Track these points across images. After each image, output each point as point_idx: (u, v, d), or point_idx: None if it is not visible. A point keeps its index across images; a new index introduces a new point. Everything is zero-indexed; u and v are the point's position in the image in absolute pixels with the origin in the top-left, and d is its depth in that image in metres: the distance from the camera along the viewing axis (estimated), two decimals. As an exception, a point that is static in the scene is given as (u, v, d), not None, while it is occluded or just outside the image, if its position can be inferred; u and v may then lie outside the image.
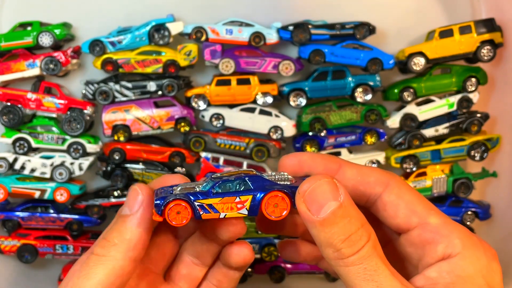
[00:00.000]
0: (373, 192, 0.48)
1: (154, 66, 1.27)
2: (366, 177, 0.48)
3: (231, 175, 0.47)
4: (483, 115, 1.32)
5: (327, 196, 0.43)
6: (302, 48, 1.28)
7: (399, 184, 0.48)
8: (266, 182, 0.46)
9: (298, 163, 0.49)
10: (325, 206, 0.42)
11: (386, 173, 0.49)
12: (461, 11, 1.33)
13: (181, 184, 0.49)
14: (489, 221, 1.36)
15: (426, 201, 0.49)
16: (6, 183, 1.28)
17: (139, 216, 0.46)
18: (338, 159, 0.50)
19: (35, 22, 1.25)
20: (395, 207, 0.47)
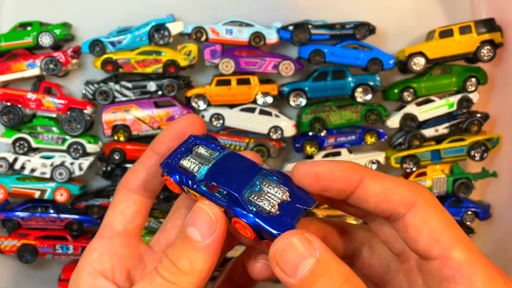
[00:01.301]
0: (396, 211, 0.42)
1: (154, 66, 1.27)
2: (390, 195, 0.42)
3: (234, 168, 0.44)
4: (483, 115, 1.32)
5: (300, 254, 0.38)
6: (302, 48, 1.28)
7: (427, 206, 0.41)
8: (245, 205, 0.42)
9: (314, 176, 0.43)
10: (300, 265, 0.38)
11: (413, 190, 0.42)
12: (461, 11, 1.33)
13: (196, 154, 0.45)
14: (489, 221, 1.36)
15: (455, 228, 0.41)
16: (6, 183, 1.28)
17: (214, 246, 0.42)
18: (361, 170, 0.43)
19: (35, 22, 1.25)
20: (418, 232, 0.41)
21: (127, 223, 0.47)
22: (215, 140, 0.48)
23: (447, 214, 0.42)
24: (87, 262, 0.45)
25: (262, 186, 0.43)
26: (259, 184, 0.43)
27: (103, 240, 0.46)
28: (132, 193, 0.48)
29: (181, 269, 0.41)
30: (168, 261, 0.41)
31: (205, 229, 0.41)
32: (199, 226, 0.41)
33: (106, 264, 0.45)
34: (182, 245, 0.41)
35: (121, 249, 0.46)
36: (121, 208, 0.47)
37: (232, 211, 0.42)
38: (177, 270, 0.41)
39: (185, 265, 0.41)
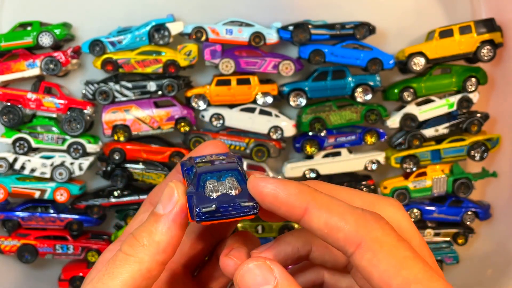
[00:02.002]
0: (343, 249, 0.39)
1: (154, 66, 1.27)
2: (334, 232, 0.39)
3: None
4: (483, 115, 1.32)
5: (257, 281, 0.39)
6: (302, 48, 1.28)
7: (375, 246, 0.37)
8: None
9: (260, 194, 0.42)
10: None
11: (360, 227, 0.38)
12: (461, 11, 1.33)
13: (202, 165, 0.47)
14: (489, 221, 1.36)
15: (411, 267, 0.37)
16: (6, 183, 1.28)
17: (172, 217, 0.43)
18: (306, 198, 0.40)
19: (35, 22, 1.25)
20: (368, 274, 0.37)
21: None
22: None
23: (402, 251, 0.38)
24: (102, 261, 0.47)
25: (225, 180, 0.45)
26: (225, 178, 0.45)
27: (119, 243, 0.46)
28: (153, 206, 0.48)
29: (140, 240, 0.42)
30: (130, 236, 0.43)
31: (166, 201, 0.43)
32: (162, 200, 0.43)
33: None
34: (146, 221, 0.43)
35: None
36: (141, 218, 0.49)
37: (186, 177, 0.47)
38: (135, 242, 0.42)
39: (144, 236, 0.42)
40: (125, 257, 0.41)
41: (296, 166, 1.33)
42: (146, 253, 0.42)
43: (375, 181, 1.37)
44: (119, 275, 0.41)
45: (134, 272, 0.41)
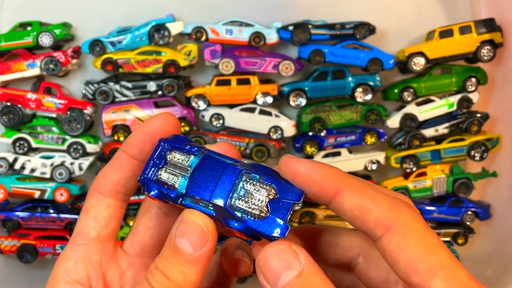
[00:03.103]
0: (371, 232, 0.39)
1: (154, 66, 1.27)
2: (365, 214, 0.39)
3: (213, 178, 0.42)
4: (483, 115, 1.32)
5: (282, 264, 0.38)
6: (302, 48, 1.28)
7: (405, 230, 0.38)
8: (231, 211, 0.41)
9: (293, 174, 0.41)
10: (282, 275, 0.38)
11: (392, 211, 0.39)
12: (461, 11, 1.33)
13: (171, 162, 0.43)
14: (489, 221, 1.36)
15: (438, 254, 0.38)
16: (6, 183, 1.28)
17: (206, 257, 0.40)
18: (340, 180, 0.40)
19: (35, 22, 1.25)
20: (394, 258, 0.38)
21: (101, 229, 0.45)
22: (187, 140, 0.45)
23: (430, 238, 0.38)
24: (62, 272, 0.43)
25: (246, 189, 0.41)
26: (243, 187, 0.41)
27: (77, 247, 0.44)
28: (104, 197, 0.45)
29: (174, 281, 0.40)
30: (160, 274, 0.40)
31: (197, 240, 0.40)
32: (190, 238, 0.40)
33: (82, 273, 0.43)
34: (173, 257, 0.40)
35: (96, 255, 0.45)
36: (94, 213, 0.45)
37: (223, 222, 0.41)
38: (170, 283, 0.40)
39: (178, 277, 0.40)
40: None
41: (296, 166, 1.33)
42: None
43: (375, 181, 1.37)
44: None
45: None
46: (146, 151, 0.44)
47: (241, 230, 0.41)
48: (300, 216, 1.33)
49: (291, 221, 1.34)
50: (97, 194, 0.46)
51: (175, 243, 0.40)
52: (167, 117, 0.44)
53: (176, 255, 0.40)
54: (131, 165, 0.45)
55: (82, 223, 0.45)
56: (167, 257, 0.40)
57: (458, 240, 1.36)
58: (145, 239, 0.47)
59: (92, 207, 0.45)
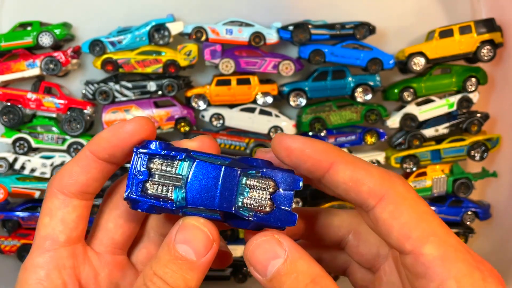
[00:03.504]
0: (365, 203, 0.40)
1: (154, 66, 1.27)
2: (358, 185, 0.40)
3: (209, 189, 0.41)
4: (483, 115, 1.32)
5: (268, 255, 0.39)
6: (302, 48, 1.28)
7: (398, 199, 0.39)
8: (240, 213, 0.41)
9: (286, 150, 0.41)
10: (269, 265, 0.39)
11: (384, 181, 0.39)
12: (461, 11, 1.33)
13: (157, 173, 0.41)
14: (489, 221, 1.36)
15: (430, 221, 0.39)
16: (6, 183, 1.28)
17: (208, 263, 0.41)
18: (333, 153, 0.40)
19: (35, 22, 1.25)
20: (388, 227, 0.39)
21: (70, 232, 0.43)
22: (163, 144, 0.42)
23: (421, 206, 0.39)
24: (35, 282, 0.40)
25: (247, 188, 0.41)
26: (244, 187, 0.41)
27: (47, 254, 0.41)
28: (70, 198, 0.43)
29: (175, 287, 0.39)
30: (160, 281, 0.39)
31: (201, 248, 0.40)
32: (195, 245, 0.40)
33: (57, 280, 0.41)
34: (174, 264, 0.39)
35: (69, 260, 0.42)
36: (61, 215, 0.42)
37: (232, 224, 0.41)
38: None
39: (180, 284, 0.39)
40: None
41: (296, 166, 1.33)
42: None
43: (375, 181, 1.36)
44: None
45: None
46: (117, 156, 0.43)
47: (251, 228, 0.41)
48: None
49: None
50: (61, 195, 0.43)
51: (176, 249, 0.39)
52: (143, 122, 0.42)
53: (178, 262, 0.39)
54: (99, 166, 0.43)
55: (48, 227, 0.42)
56: (166, 264, 0.39)
57: (458, 240, 1.36)
58: (116, 236, 0.46)
59: (58, 209, 0.42)
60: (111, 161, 0.43)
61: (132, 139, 0.42)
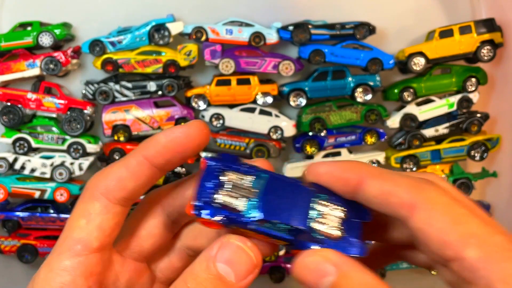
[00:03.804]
0: (399, 214, 0.39)
1: (154, 66, 1.27)
2: (388, 197, 0.39)
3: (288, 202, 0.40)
4: (483, 115, 1.32)
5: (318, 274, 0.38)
6: (302, 48, 1.28)
7: (428, 205, 0.37)
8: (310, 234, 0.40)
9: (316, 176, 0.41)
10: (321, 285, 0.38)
11: (412, 190, 0.38)
12: (461, 11, 1.33)
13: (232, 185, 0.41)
14: (489, 221, 1.36)
15: (467, 223, 0.37)
16: (6, 183, 1.28)
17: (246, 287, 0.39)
18: (360, 169, 0.40)
19: (35, 22, 1.25)
20: (425, 236, 0.37)
21: (104, 238, 0.40)
22: (235, 158, 0.42)
23: (457, 208, 0.37)
24: (58, 285, 0.38)
25: (318, 210, 0.41)
26: (316, 209, 0.41)
27: (77, 259, 0.39)
28: (113, 204, 0.41)
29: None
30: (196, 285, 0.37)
31: (243, 272, 0.38)
32: (237, 268, 0.38)
33: (81, 287, 0.39)
34: (211, 283, 0.38)
35: (97, 267, 0.40)
36: (100, 221, 0.40)
37: (299, 245, 0.40)
38: None
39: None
40: None
41: (296, 166, 1.33)
42: None
43: (375, 181, 1.36)
44: None
45: None
46: (173, 163, 0.41)
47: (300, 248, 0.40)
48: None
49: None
50: (105, 200, 0.40)
51: (217, 268, 0.38)
52: (201, 126, 0.41)
53: (216, 282, 0.38)
54: (151, 173, 0.41)
55: (84, 231, 0.40)
56: (203, 281, 0.38)
57: (458, 240, 1.36)
58: (146, 245, 0.44)
59: (98, 214, 0.40)
60: (165, 168, 0.41)
61: (190, 144, 0.40)
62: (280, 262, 1.36)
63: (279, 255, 1.34)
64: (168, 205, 0.44)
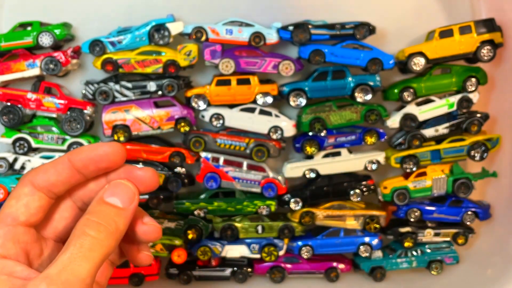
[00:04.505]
0: None
1: (154, 66, 1.27)
2: None
3: None
4: (483, 115, 1.32)
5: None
6: (302, 48, 1.28)
7: None
8: None
9: None
10: None
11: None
12: (461, 11, 1.33)
13: None
14: (489, 221, 1.36)
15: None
16: (6, 183, 1.28)
17: (132, 212, 0.50)
18: None
19: (35, 22, 1.25)
20: None
21: (30, 216, 0.50)
22: None
23: None
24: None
25: None
26: None
27: (6, 228, 0.49)
28: (37, 190, 0.51)
29: (109, 228, 0.48)
30: (95, 223, 0.48)
31: (126, 198, 0.50)
32: (121, 196, 0.50)
33: (10, 250, 0.49)
34: (105, 210, 0.49)
35: (24, 236, 0.50)
36: (26, 201, 0.50)
37: None
38: (105, 229, 0.48)
39: (111, 225, 0.48)
40: (96, 241, 0.47)
41: (296, 166, 1.33)
42: (114, 239, 0.48)
43: (375, 181, 1.37)
44: (92, 258, 0.46)
45: (103, 257, 0.47)
46: (89, 169, 0.51)
47: None
48: (300, 216, 1.33)
49: (290, 220, 1.34)
50: (31, 186, 0.51)
51: (105, 201, 0.49)
52: (118, 148, 0.52)
53: (109, 209, 0.49)
54: (71, 174, 0.51)
55: (12, 207, 0.50)
56: (99, 211, 0.49)
57: (458, 240, 1.36)
58: (58, 226, 0.54)
59: (25, 195, 0.51)
60: (82, 171, 0.51)
61: (106, 158, 0.51)
62: (280, 262, 1.36)
63: (279, 255, 1.35)
64: (77, 196, 0.54)
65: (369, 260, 1.37)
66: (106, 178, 0.53)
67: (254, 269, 1.35)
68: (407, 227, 1.36)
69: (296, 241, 1.35)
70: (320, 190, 1.34)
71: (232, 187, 1.33)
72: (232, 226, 1.32)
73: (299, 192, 1.33)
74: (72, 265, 0.45)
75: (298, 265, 1.37)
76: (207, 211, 1.33)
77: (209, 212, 1.33)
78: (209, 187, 1.32)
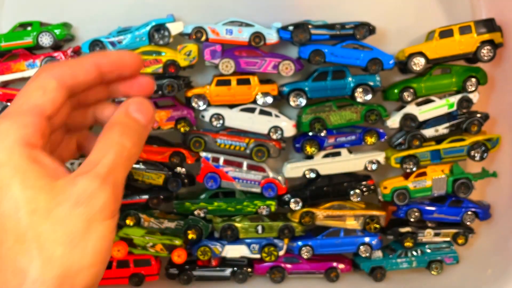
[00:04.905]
0: None
1: (154, 66, 1.27)
2: None
3: None
4: (483, 115, 1.32)
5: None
6: (302, 48, 1.28)
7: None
8: None
9: None
10: None
11: None
12: (461, 11, 1.33)
13: None
14: (489, 221, 1.36)
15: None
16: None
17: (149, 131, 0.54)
18: None
19: (35, 22, 1.25)
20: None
21: (53, 112, 0.50)
22: None
23: None
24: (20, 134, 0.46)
25: None
26: None
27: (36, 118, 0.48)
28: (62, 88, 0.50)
29: (139, 143, 0.51)
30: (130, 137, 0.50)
31: (149, 117, 0.53)
32: (145, 114, 0.53)
33: (38, 141, 0.48)
34: (134, 125, 0.52)
35: (46, 129, 0.49)
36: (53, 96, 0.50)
37: None
38: (137, 143, 0.50)
39: (142, 140, 0.52)
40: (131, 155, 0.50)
41: (296, 166, 1.33)
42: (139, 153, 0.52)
43: (375, 181, 1.37)
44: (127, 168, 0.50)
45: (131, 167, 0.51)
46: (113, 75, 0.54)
47: None
48: (300, 216, 1.33)
49: (290, 220, 1.34)
50: (56, 81, 0.50)
51: (132, 114, 0.52)
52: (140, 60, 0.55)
53: (137, 124, 0.52)
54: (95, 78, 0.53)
55: (39, 99, 0.49)
56: (129, 126, 0.51)
57: (458, 240, 1.36)
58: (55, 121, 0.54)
59: (51, 91, 0.49)
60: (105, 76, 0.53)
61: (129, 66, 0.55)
62: (280, 262, 1.36)
63: (279, 255, 1.35)
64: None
65: (369, 260, 1.37)
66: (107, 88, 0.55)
67: (254, 269, 1.35)
68: (407, 227, 1.36)
69: (296, 241, 1.35)
70: (320, 190, 1.34)
71: (232, 187, 1.33)
72: (232, 226, 1.32)
73: (299, 192, 1.33)
74: (116, 170, 0.48)
75: (298, 265, 1.37)
76: (207, 211, 1.33)
77: (209, 212, 1.33)
78: (209, 187, 1.32)
